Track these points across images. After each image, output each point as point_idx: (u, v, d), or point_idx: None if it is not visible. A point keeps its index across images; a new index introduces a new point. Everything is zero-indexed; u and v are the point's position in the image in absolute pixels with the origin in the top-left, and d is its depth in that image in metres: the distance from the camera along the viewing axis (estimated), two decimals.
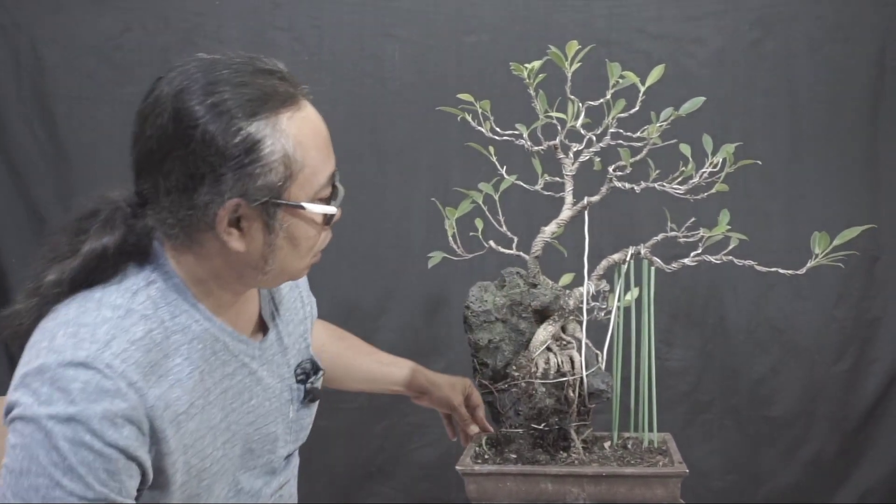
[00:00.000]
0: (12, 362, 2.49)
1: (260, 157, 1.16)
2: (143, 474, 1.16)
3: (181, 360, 1.21)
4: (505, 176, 1.74)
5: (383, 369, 1.83)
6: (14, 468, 1.10)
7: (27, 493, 1.09)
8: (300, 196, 1.21)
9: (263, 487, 1.38)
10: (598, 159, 1.70)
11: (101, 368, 1.11)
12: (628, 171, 1.66)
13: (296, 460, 1.52)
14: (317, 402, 1.49)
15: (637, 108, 1.62)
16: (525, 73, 1.66)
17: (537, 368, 1.61)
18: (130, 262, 1.23)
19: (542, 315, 1.67)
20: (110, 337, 1.14)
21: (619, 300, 1.70)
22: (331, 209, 1.25)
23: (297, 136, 1.19)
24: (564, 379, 1.61)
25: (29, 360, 1.15)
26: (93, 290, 1.20)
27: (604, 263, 1.67)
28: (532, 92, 1.67)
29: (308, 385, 1.46)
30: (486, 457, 1.66)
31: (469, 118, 1.73)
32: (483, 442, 1.72)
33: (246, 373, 1.34)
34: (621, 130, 1.64)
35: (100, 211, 1.24)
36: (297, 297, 1.51)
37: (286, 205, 1.20)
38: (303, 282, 1.56)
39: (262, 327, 1.40)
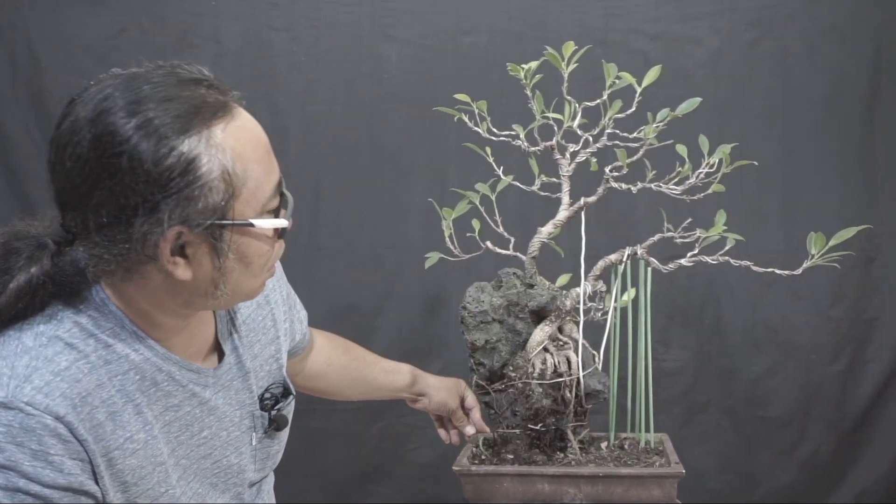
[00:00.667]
0: None
1: (197, 178, 1.04)
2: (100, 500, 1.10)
3: (115, 391, 1.11)
4: (502, 176, 1.74)
5: (388, 377, 1.79)
6: None
7: None
8: (246, 213, 1.09)
9: None
10: (594, 160, 1.70)
11: (21, 407, 1.02)
12: (625, 171, 1.66)
13: (268, 485, 1.43)
14: (285, 430, 1.38)
15: (633, 109, 1.63)
16: (522, 74, 1.66)
17: (534, 369, 1.61)
18: (59, 300, 1.12)
19: (538, 315, 1.67)
20: (31, 370, 1.05)
21: (615, 301, 1.70)
22: (282, 222, 1.13)
23: (234, 148, 1.07)
24: (561, 379, 1.61)
25: None
26: (14, 323, 1.10)
27: (600, 264, 1.68)
28: (529, 92, 1.67)
29: (274, 413, 1.34)
30: (483, 457, 1.66)
31: (466, 119, 1.73)
32: (480, 442, 1.72)
33: (195, 403, 1.22)
34: (618, 131, 1.64)
35: (19, 248, 1.11)
36: (266, 316, 1.38)
37: (233, 224, 1.08)
38: (277, 299, 1.42)
39: (218, 351, 1.28)
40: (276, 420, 1.34)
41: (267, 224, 1.12)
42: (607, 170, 1.66)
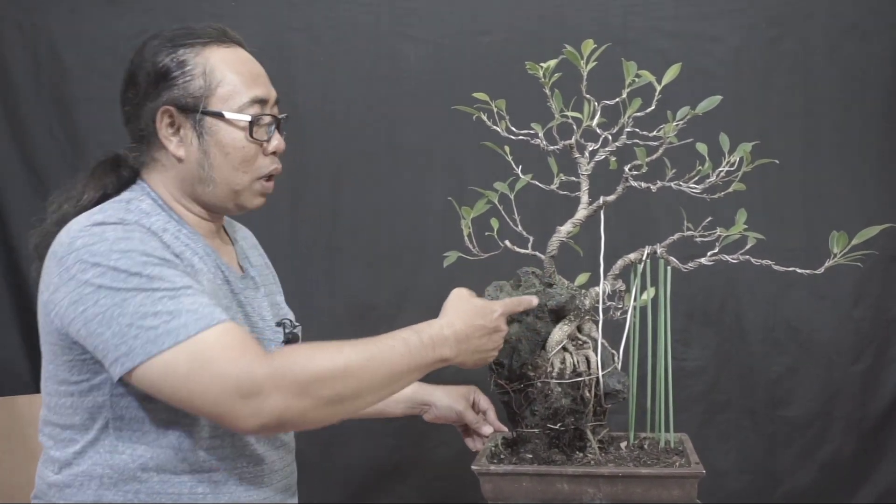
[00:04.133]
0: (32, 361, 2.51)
1: (183, 73, 1.42)
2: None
3: (189, 252, 1.40)
4: (520, 175, 1.73)
5: None
6: (103, 304, 1.25)
7: (133, 309, 1.25)
8: (221, 108, 1.43)
9: None
10: (613, 158, 1.70)
11: (115, 222, 1.32)
12: (644, 170, 1.65)
13: None
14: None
15: (653, 107, 1.62)
16: (540, 73, 1.65)
17: (553, 368, 1.61)
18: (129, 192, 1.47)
19: (557, 315, 1.66)
20: (120, 212, 1.37)
21: (635, 300, 1.69)
22: (244, 117, 1.43)
23: (217, 59, 1.44)
24: (580, 379, 1.61)
25: (52, 251, 1.34)
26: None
27: (620, 263, 1.67)
28: (547, 91, 1.67)
29: (288, 331, 1.56)
30: (502, 456, 1.66)
31: (484, 117, 1.73)
32: (499, 442, 1.72)
33: (236, 304, 1.46)
34: (637, 129, 1.63)
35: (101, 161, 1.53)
36: (271, 274, 1.69)
37: (208, 112, 1.42)
38: (274, 276, 1.71)
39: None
40: (290, 336, 1.56)
41: (235, 117, 1.43)
42: (627, 168, 1.65)
